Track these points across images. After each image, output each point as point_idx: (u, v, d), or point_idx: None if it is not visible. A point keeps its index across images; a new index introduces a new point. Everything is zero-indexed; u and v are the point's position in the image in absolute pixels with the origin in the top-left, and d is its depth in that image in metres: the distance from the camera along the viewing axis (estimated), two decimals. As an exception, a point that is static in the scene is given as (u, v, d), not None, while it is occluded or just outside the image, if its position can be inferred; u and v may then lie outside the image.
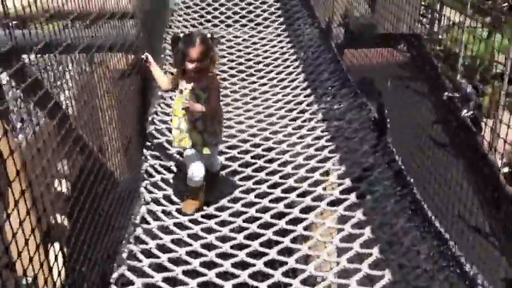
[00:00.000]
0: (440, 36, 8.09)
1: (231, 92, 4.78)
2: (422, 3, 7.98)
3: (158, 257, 2.91)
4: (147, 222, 3.18)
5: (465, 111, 5.58)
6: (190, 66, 3.09)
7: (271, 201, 3.42)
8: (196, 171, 3.30)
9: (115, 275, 2.69)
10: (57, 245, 2.19)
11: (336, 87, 4.63)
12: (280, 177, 3.63)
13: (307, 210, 3.31)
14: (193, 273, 2.83)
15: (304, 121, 4.27)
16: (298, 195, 3.44)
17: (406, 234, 2.82)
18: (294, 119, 4.32)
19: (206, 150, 3.29)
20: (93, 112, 2.73)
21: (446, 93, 5.85)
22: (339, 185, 3.44)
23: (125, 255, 2.83)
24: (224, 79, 4.93)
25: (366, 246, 2.84)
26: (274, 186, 3.56)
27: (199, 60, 3.08)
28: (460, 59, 7.26)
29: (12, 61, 3.16)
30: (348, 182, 3.42)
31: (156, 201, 3.42)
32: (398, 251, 2.76)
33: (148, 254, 2.93)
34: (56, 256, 2.04)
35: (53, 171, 2.11)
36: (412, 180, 3.13)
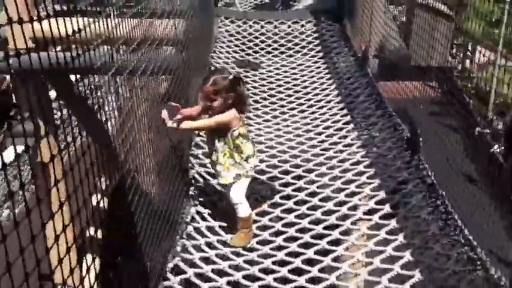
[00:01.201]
0: (472, 74, 8.27)
1: (271, 113, 5.10)
2: (455, 41, 8.20)
3: (206, 252, 3.20)
4: (197, 221, 3.48)
5: (496, 146, 5.72)
6: (201, 102, 3.15)
7: (308, 208, 3.67)
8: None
9: (170, 265, 2.98)
10: (89, 256, 2.34)
11: (371, 108, 4.91)
12: (318, 187, 3.88)
13: (343, 218, 3.54)
14: (238, 268, 3.10)
15: (340, 138, 4.53)
16: (335, 204, 3.68)
17: (437, 241, 3.03)
18: (331, 136, 4.59)
19: (223, 180, 3.29)
20: (131, 132, 2.72)
21: (477, 129, 6.01)
22: (374, 196, 3.67)
23: (178, 248, 3.13)
24: (264, 105, 5.25)
25: (398, 250, 3.06)
26: (312, 195, 3.81)
27: (209, 99, 3.05)
28: (491, 96, 7.41)
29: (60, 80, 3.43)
30: (382, 194, 3.65)
31: (203, 204, 3.72)
32: (429, 255, 2.96)
33: (198, 248, 3.21)
34: (89, 267, 2.10)
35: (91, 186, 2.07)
36: (444, 193, 3.34)
